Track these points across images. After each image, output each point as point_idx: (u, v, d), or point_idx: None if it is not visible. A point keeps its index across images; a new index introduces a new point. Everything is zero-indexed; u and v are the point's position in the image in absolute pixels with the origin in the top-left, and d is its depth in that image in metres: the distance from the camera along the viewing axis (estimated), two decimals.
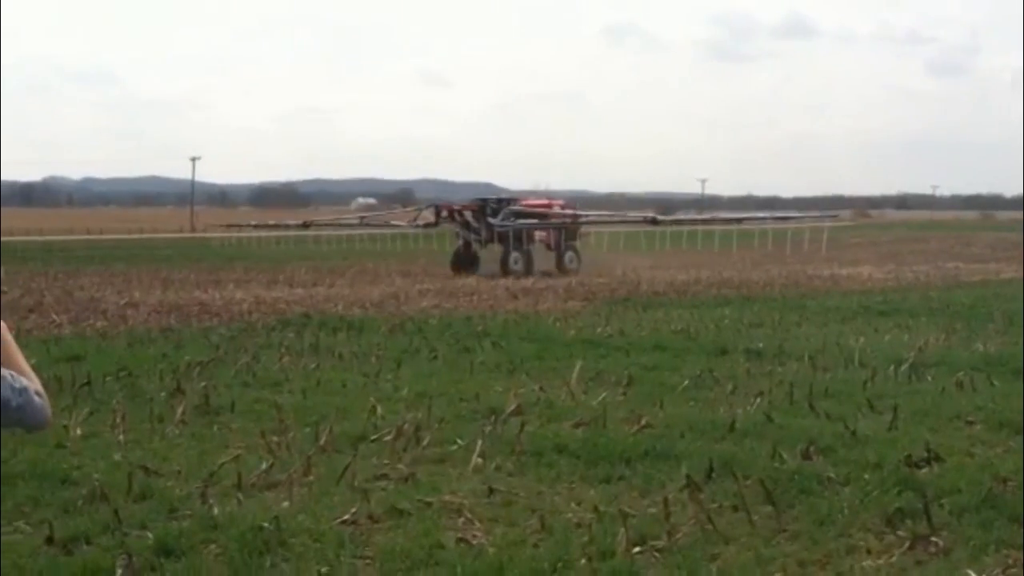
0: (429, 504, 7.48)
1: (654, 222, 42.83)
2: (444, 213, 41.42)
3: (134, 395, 11.77)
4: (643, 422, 9.99)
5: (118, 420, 9.93)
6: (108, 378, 12.66)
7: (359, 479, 8.06)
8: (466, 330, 18.31)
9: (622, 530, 6.52)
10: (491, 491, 7.79)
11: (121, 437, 9.52)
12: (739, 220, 45.48)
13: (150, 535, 6.74)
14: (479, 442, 8.99)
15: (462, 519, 7.17)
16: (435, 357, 15.01)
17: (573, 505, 7.56)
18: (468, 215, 40.02)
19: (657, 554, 6.43)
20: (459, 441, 9.37)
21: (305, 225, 53.64)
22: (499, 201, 41.05)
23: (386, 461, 8.75)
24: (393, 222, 50.92)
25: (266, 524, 6.79)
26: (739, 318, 20.11)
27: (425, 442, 9.27)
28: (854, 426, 9.64)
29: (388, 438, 9.42)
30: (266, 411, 10.82)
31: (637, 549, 6.44)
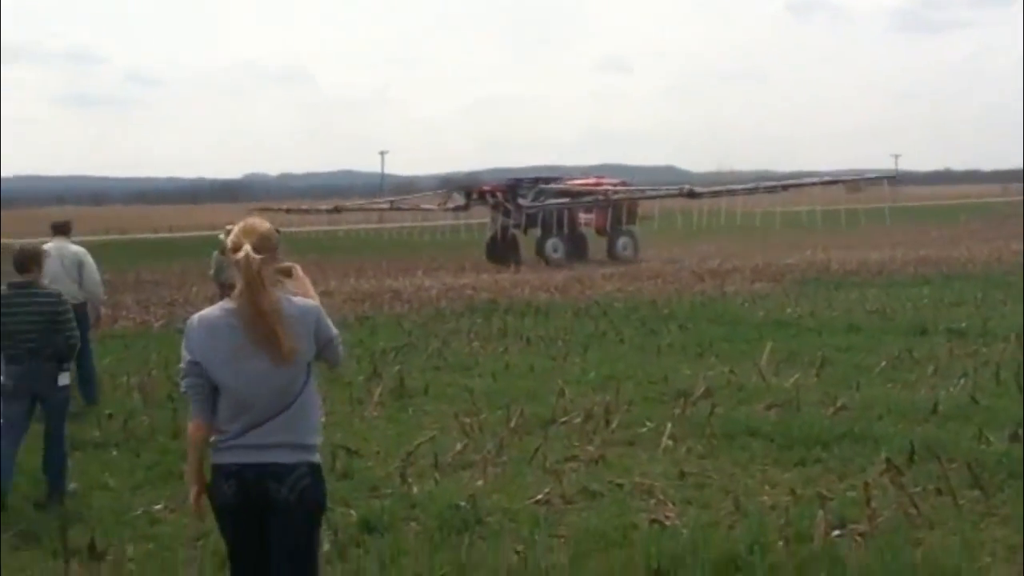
0: (620, 486, 7.51)
1: (691, 195, 37.63)
2: (475, 196, 38.54)
3: (334, 379, 12.22)
4: (838, 404, 9.74)
5: (320, 403, 10.33)
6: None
7: (550, 460, 8.17)
8: (652, 313, 18.22)
9: (820, 513, 6.37)
10: (683, 473, 7.76)
11: (324, 419, 9.90)
12: (784, 187, 39.83)
13: (353, 512, 7.03)
14: (669, 425, 8.96)
15: (654, 500, 7.17)
16: (621, 340, 15.01)
17: (767, 488, 7.45)
18: (500, 197, 36.79)
19: (858, 538, 6.26)
20: (648, 424, 9.36)
21: (336, 209, 51.13)
22: (534, 180, 37.64)
23: (576, 443, 8.83)
24: (424, 206, 47.29)
25: (463, 503, 6.98)
26: (939, 297, 19.28)
27: (614, 425, 9.30)
28: None
29: (577, 420, 9.51)
30: (458, 394, 11.09)
31: (836, 532, 6.29)
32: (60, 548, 6.19)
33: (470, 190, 39.17)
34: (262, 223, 4.24)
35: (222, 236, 15.88)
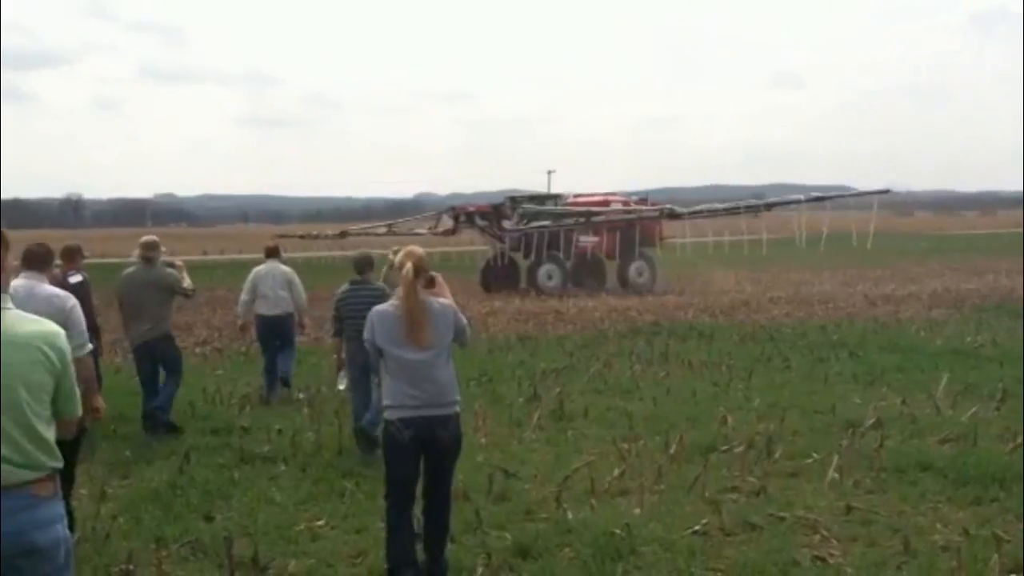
0: (782, 519, 7.28)
1: (673, 215, 33.31)
2: (462, 218, 35.69)
3: (494, 400, 12.33)
4: (1019, 440, 9.20)
5: (480, 423, 10.44)
6: (471, 382, 13.29)
7: (710, 490, 7.99)
8: (820, 339, 17.69)
9: (995, 556, 6.03)
10: (849, 508, 7.47)
11: (483, 440, 10.01)
12: (769, 206, 35.97)
13: (508, 536, 7.03)
14: (835, 457, 8.65)
15: (818, 536, 6.92)
16: (788, 367, 14.62)
17: (939, 527, 7.10)
18: (487, 219, 34.28)
19: None
20: (814, 455, 9.07)
21: (342, 235, 48.86)
22: (531, 199, 34.74)
23: (737, 473, 8.62)
24: (416, 230, 43.15)
25: (618, 531, 6.89)
26: None
27: (777, 455, 9.05)
28: None
29: (739, 449, 9.28)
30: (618, 418, 11.00)
31: None
32: (225, 560, 6.40)
33: (458, 212, 36.46)
34: (419, 249, 6.01)
35: (391, 256, 17.00)
